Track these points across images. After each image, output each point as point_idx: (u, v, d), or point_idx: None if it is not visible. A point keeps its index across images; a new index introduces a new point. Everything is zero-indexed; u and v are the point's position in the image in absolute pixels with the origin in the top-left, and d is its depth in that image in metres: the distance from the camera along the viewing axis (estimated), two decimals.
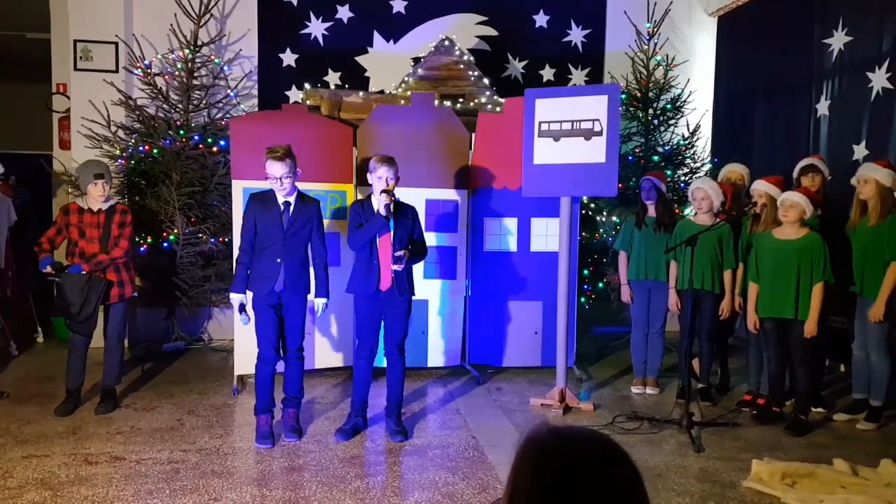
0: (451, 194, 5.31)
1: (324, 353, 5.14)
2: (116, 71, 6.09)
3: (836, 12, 5.50)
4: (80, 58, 6.06)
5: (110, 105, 5.92)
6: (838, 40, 5.47)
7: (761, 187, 4.53)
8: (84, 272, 4.21)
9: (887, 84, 5.00)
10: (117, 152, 5.83)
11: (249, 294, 3.95)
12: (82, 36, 6.05)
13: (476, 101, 5.87)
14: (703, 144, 7.09)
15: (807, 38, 5.76)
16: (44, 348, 6.08)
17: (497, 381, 5.25)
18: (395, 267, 3.91)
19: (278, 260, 3.85)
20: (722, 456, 3.83)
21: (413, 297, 4.10)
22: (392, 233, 3.96)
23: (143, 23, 6.13)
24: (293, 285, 3.90)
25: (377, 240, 3.94)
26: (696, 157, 6.89)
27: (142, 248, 5.62)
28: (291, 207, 3.90)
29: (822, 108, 5.64)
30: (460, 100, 5.85)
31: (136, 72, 5.98)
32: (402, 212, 4.02)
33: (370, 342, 4.05)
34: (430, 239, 5.15)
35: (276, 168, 3.78)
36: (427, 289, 5.21)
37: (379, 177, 3.91)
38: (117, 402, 4.48)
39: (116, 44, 6.08)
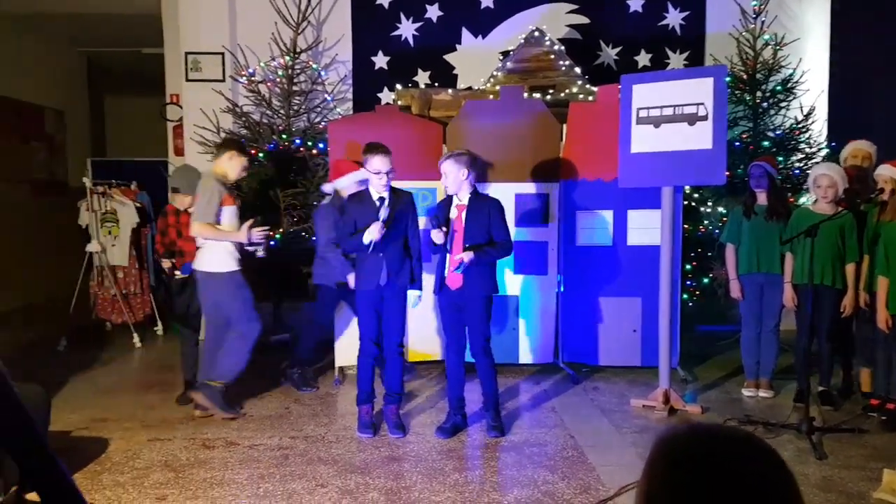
0: (541, 188, 5.21)
1: (418, 346, 5.20)
2: (223, 80, 6.45)
3: None
4: (191, 69, 6.47)
5: (219, 112, 6.28)
6: None
7: (886, 172, 4.13)
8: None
9: None
10: None
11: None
12: (192, 48, 6.46)
13: (567, 91, 5.73)
14: (819, 128, 6.56)
15: None
16: (164, 340, 6.56)
17: (593, 380, 5.10)
18: (455, 271, 3.86)
19: (380, 255, 3.90)
20: (847, 464, 3.53)
21: (496, 295, 4.03)
22: (463, 231, 3.90)
23: (246, 33, 6.46)
24: (394, 279, 3.96)
25: (438, 236, 3.88)
26: (811, 141, 6.40)
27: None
28: (387, 202, 3.95)
29: None
30: (551, 91, 5.74)
31: (241, 80, 6.32)
32: (480, 204, 3.94)
33: (453, 340, 4.04)
34: (520, 234, 5.09)
35: (384, 163, 3.85)
36: (517, 285, 5.15)
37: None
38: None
39: (223, 54, 6.45)
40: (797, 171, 6.17)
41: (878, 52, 5.95)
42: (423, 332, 5.19)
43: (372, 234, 3.78)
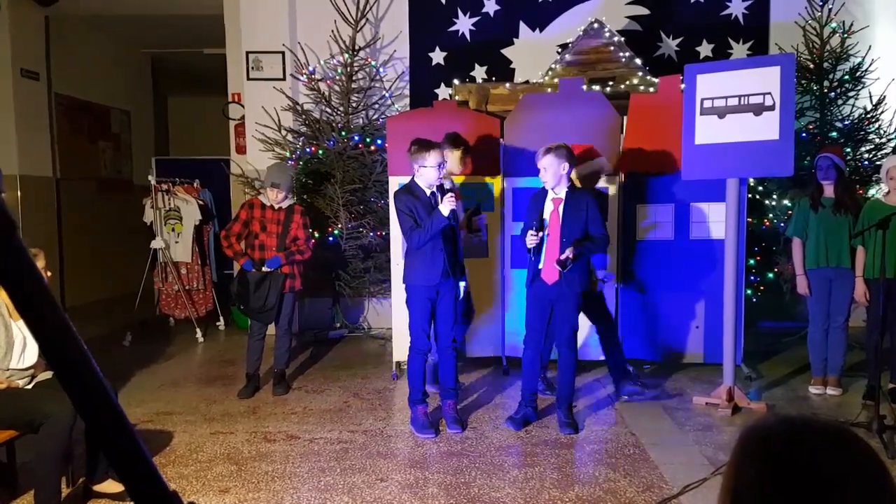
0: (601, 182, 5.14)
1: (475, 342, 5.21)
2: (284, 79, 6.57)
3: None
4: (252, 68, 6.62)
5: (280, 111, 6.41)
6: None
7: None
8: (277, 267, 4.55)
9: None
10: (287, 154, 6.31)
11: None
12: (253, 48, 6.61)
13: (628, 82, 5.63)
14: (890, 117, 6.26)
15: None
16: (226, 335, 6.74)
17: (654, 377, 5.01)
18: (559, 267, 3.81)
19: (440, 248, 3.91)
20: None
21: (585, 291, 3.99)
22: (560, 226, 3.86)
23: (305, 31, 6.56)
24: (450, 274, 3.97)
25: (536, 232, 3.84)
26: (880, 131, 6.11)
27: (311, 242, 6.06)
28: (439, 196, 3.94)
29: None
30: (611, 83, 5.64)
31: (301, 78, 6.43)
32: (577, 197, 3.89)
33: (534, 334, 4.03)
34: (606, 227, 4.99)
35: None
36: None
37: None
38: (289, 384, 4.85)
39: (283, 53, 6.57)
40: (866, 163, 5.92)
41: None
42: (478, 329, 5.19)
43: (450, 203, 3.76)
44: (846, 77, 6.12)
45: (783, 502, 0.82)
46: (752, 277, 5.78)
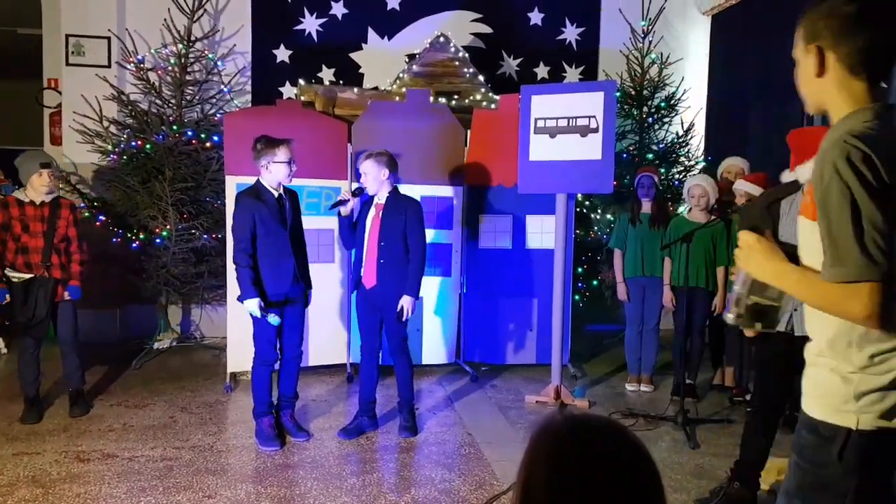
0: (446, 191, 5.29)
1: (318, 350, 5.11)
2: (109, 66, 6.03)
3: None
4: (73, 53, 6.00)
5: (102, 100, 5.86)
6: None
7: (742, 187, 4.49)
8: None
9: None
10: (109, 147, 5.78)
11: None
12: (74, 31, 5.99)
13: (471, 98, 5.86)
14: (697, 142, 7.11)
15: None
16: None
17: (492, 379, 5.24)
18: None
19: (288, 254, 3.77)
20: (717, 452, 3.84)
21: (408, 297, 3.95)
22: (379, 231, 3.88)
23: (135, 18, 6.07)
24: (299, 281, 3.86)
25: (351, 195, 3.93)
26: (690, 155, 6.91)
27: (134, 245, 5.57)
28: (286, 202, 3.83)
29: None
30: (455, 97, 5.84)
31: (128, 67, 5.93)
32: (398, 204, 3.91)
33: (367, 341, 4.01)
34: (426, 236, 5.12)
35: (289, 154, 3.73)
36: (422, 286, 5.18)
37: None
38: (90, 403, 4.34)
39: (109, 38, 6.03)
40: (677, 182, 6.64)
41: (752, 74, 6.50)
42: (323, 336, 5.10)
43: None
44: (662, 104, 6.84)
45: (571, 493, 0.92)
46: (580, 284, 6.26)
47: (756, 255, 1.57)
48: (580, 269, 6.23)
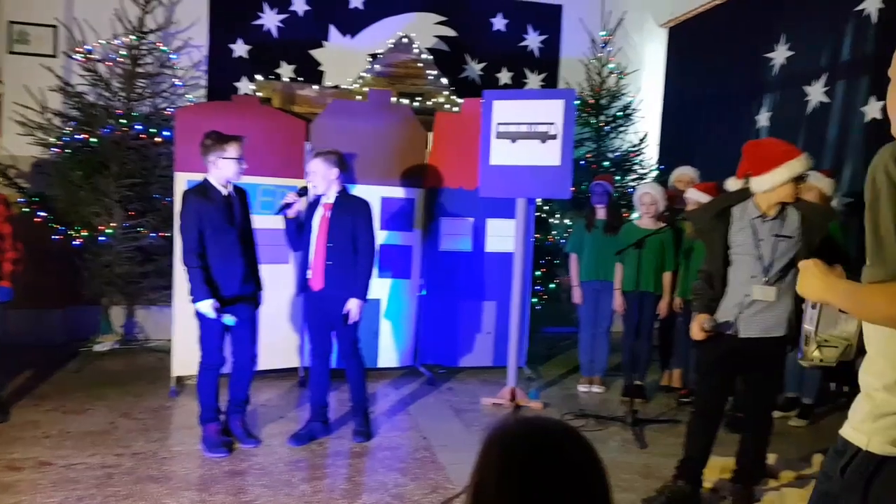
0: (407, 193, 5.24)
1: (269, 354, 4.97)
2: (55, 56, 5.79)
3: (779, 28, 5.71)
4: (16, 41, 5.74)
5: (47, 91, 5.62)
6: (780, 55, 5.68)
7: (692, 196, 4.59)
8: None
9: (824, 98, 5.21)
10: (52, 140, 5.53)
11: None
12: (18, 18, 5.74)
13: (434, 100, 5.84)
14: (651, 152, 7.25)
15: (750, 52, 5.95)
16: None
17: (449, 382, 5.20)
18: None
19: (238, 254, 3.64)
20: (665, 452, 3.87)
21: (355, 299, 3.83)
22: (327, 231, 3.78)
23: (85, 7, 5.85)
24: (249, 282, 3.73)
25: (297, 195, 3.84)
26: (643, 163, 7.04)
27: (76, 242, 5.33)
28: (235, 200, 3.68)
29: (763, 119, 5.83)
30: (418, 98, 5.81)
31: (76, 57, 5.69)
32: (347, 204, 3.81)
33: (317, 344, 3.92)
34: (384, 237, 5.08)
35: (239, 151, 3.60)
36: (380, 288, 5.12)
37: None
38: (8, 410, 4.09)
39: (55, 27, 5.78)
40: (631, 190, 6.75)
41: (705, 85, 6.67)
42: (274, 340, 4.97)
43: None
44: (619, 114, 6.96)
45: (520, 496, 0.94)
46: (538, 287, 6.30)
47: (808, 275, 1.53)
48: (538, 273, 6.27)
